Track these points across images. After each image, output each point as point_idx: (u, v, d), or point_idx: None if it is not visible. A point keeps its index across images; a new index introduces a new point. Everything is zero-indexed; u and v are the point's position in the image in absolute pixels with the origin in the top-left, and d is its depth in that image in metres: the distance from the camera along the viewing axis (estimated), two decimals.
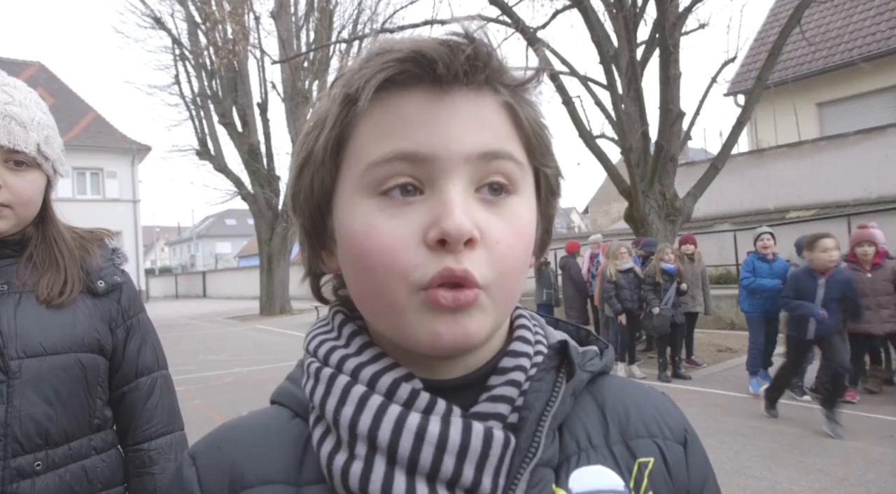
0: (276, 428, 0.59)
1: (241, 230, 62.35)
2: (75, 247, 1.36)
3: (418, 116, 0.50)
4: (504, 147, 0.52)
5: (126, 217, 28.29)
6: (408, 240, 0.49)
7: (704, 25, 11.64)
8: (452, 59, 0.49)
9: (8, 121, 1.18)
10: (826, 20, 16.94)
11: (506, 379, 0.55)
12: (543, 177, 0.58)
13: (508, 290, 0.53)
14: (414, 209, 0.50)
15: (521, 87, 0.55)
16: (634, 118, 10.17)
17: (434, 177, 0.50)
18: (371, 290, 0.52)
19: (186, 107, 22.29)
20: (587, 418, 0.59)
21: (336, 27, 21.53)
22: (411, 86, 0.51)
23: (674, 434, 0.61)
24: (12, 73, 1.29)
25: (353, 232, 0.52)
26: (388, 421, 0.50)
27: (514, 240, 0.52)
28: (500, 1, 10.37)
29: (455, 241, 0.48)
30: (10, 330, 1.20)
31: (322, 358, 0.57)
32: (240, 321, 20.25)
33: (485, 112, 0.52)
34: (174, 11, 21.45)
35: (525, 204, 0.55)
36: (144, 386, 1.40)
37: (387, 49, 0.51)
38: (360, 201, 0.52)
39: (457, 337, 0.50)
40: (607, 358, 0.64)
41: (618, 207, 24.85)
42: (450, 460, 0.49)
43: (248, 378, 9.35)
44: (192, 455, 0.60)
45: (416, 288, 0.49)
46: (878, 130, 13.45)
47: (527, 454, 0.52)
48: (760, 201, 15.00)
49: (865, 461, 4.63)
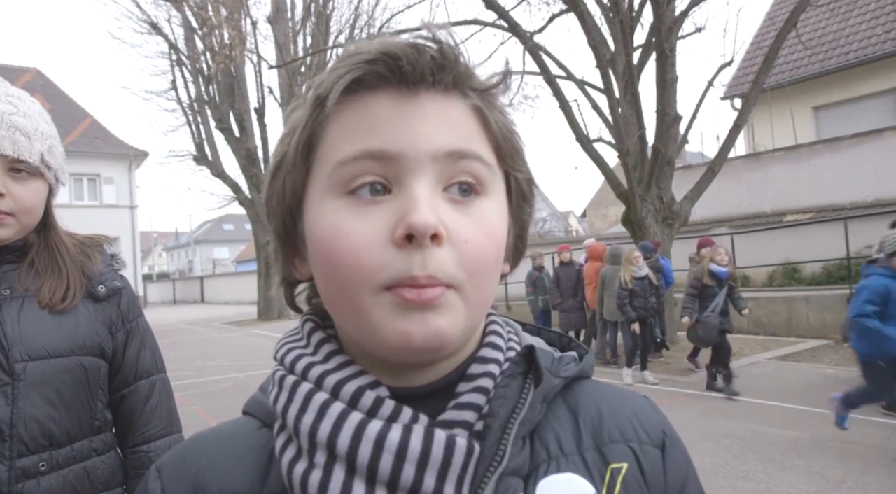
0: (241, 439, 0.59)
1: (238, 235, 62.29)
2: (76, 252, 1.38)
3: (386, 116, 0.51)
4: (471, 147, 0.52)
5: (123, 222, 28.24)
6: (374, 240, 0.49)
7: (701, 29, 11.70)
8: (418, 59, 0.50)
9: (13, 132, 1.21)
10: (822, 24, 16.99)
11: (473, 385, 0.54)
12: (514, 181, 0.58)
13: (480, 291, 0.52)
14: (381, 208, 0.50)
15: (488, 92, 0.55)
16: (631, 122, 10.20)
17: (401, 175, 0.50)
18: (339, 292, 0.52)
19: (183, 112, 22.32)
20: (559, 425, 0.58)
21: (333, 32, 21.60)
22: (380, 88, 0.51)
23: (651, 437, 0.59)
24: (9, 80, 1.32)
25: (320, 233, 0.52)
26: (347, 429, 0.49)
27: (483, 240, 0.52)
28: (496, 5, 10.40)
29: (420, 235, 0.48)
30: (14, 333, 1.23)
31: (288, 367, 0.57)
32: (237, 326, 20.23)
33: (452, 113, 0.52)
34: (171, 17, 21.53)
35: (495, 206, 0.54)
36: (143, 388, 1.43)
37: (356, 51, 0.52)
38: (328, 202, 0.52)
39: (427, 335, 0.49)
40: (586, 363, 0.62)
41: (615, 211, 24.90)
42: (410, 468, 0.48)
43: (246, 383, 9.34)
44: (158, 467, 0.60)
45: (382, 288, 0.49)
46: (875, 133, 13.48)
47: (492, 462, 0.50)
48: (757, 204, 15.03)
49: (863, 463, 4.63)
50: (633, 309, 7.81)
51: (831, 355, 8.95)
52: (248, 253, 46.18)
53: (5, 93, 1.24)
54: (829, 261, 11.69)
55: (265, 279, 21.71)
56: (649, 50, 10.56)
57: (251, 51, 20.65)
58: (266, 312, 21.55)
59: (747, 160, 15.73)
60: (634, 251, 8.18)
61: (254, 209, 21.67)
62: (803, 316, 10.72)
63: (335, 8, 21.58)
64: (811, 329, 10.58)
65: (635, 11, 10.43)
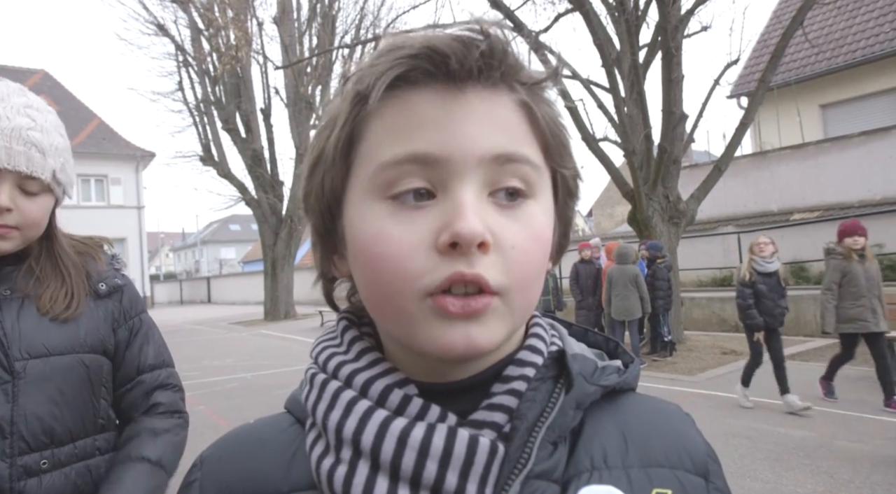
0: (273, 435, 0.60)
1: (245, 235, 62.46)
2: (77, 253, 1.38)
3: (431, 116, 0.49)
4: (520, 150, 0.51)
5: (131, 223, 28.41)
6: (418, 246, 0.48)
7: (707, 28, 11.65)
8: (466, 55, 0.48)
9: (28, 147, 1.20)
10: (829, 22, 16.92)
11: (507, 387, 0.54)
12: (561, 178, 0.56)
13: (526, 297, 0.52)
14: (425, 214, 0.49)
15: (537, 85, 0.53)
16: (637, 121, 10.17)
17: (446, 179, 0.49)
18: (381, 296, 0.51)
19: (190, 113, 22.38)
20: (606, 437, 0.56)
21: (339, 32, 21.63)
22: (424, 84, 0.49)
23: (695, 465, 0.57)
24: (17, 81, 1.31)
25: (362, 236, 0.51)
26: (371, 426, 0.50)
27: (530, 244, 0.51)
28: (501, 5, 10.39)
29: (467, 244, 0.46)
30: (14, 332, 1.23)
31: (321, 365, 0.58)
32: (244, 326, 20.27)
33: (500, 111, 0.50)
34: (177, 18, 21.61)
35: (541, 207, 0.53)
36: (146, 382, 1.42)
37: (398, 45, 0.49)
38: (370, 204, 0.51)
39: (469, 348, 0.49)
40: (630, 374, 0.60)
41: (621, 210, 24.83)
42: (432, 466, 0.48)
43: (253, 383, 9.36)
44: (201, 459, 0.61)
45: (425, 295, 0.48)
46: (883, 131, 13.42)
47: (516, 464, 0.50)
48: (764, 203, 14.98)
49: (871, 463, 4.61)
50: (760, 315, 6.25)
51: None
52: (255, 253, 46.26)
53: (24, 104, 1.23)
54: None
55: (271, 279, 21.78)
56: (655, 49, 10.54)
57: (257, 51, 20.72)
58: (273, 312, 21.59)
59: (754, 159, 15.68)
60: (761, 237, 6.66)
61: (260, 209, 21.73)
62: (811, 316, 10.68)
63: (341, 8, 21.60)
64: (819, 328, 10.51)
65: (641, 10, 10.39)
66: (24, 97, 1.25)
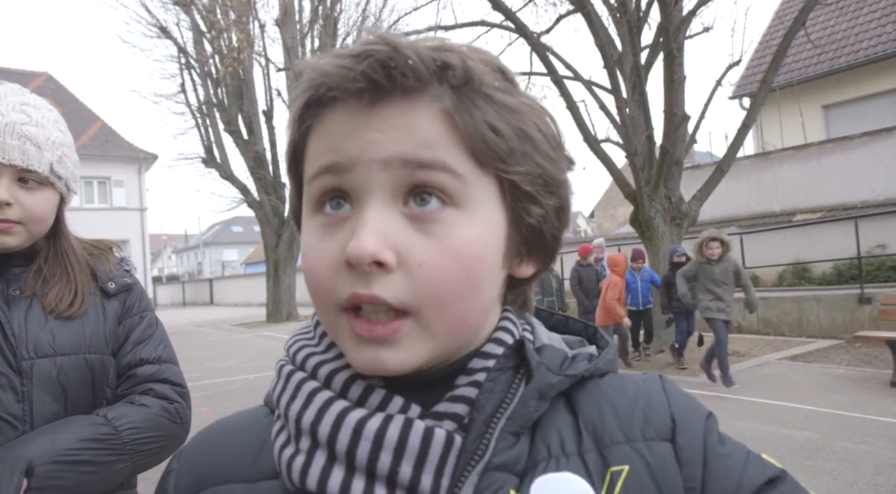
0: (247, 426, 0.61)
1: (247, 237, 62.63)
2: (85, 257, 1.39)
3: (341, 130, 0.50)
4: (435, 156, 0.49)
5: (133, 225, 28.44)
6: (331, 262, 0.50)
7: (709, 29, 11.67)
8: (350, 73, 0.49)
9: (23, 142, 1.22)
10: (831, 22, 16.90)
11: (470, 379, 0.54)
12: (509, 184, 0.52)
13: (446, 316, 0.50)
14: (343, 227, 0.50)
15: (469, 88, 0.50)
16: (639, 122, 10.17)
17: (357, 188, 0.50)
18: (316, 306, 0.54)
19: (192, 115, 22.40)
20: (563, 424, 0.56)
21: (340, 34, 21.62)
22: (336, 103, 0.51)
23: (658, 431, 0.55)
24: (21, 84, 1.32)
25: (303, 249, 0.54)
26: (329, 417, 0.51)
27: (444, 260, 0.49)
28: (503, 6, 10.39)
29: (357, 264, 0.47)
30: (22, 331, 1.24)
31: (291, 357, 0.60)
32: (247, 328, 20.29)
33: (414, 120, 0.49)
34: (179, 20, 21.63)
35: (469, 218, 0.50)
36: (141, 375, 1.40)
37: (303, 74, 0.52)
38: (308, 219, 0.54)
39: (383, 369, 0.50)
40: (600, 360, 0.59)
41: (623, 211, 24.83)
42: (387, 457, 0.49)
43: (256, 384, 9.37)
44: (180, 450, 0.63)
45: (339, 310, 0.51)
46: (885, 132, 13.40)
47: (473, 455, 0.50)
48: (767, 204, 14.96)
49: (875, 464, 4.60)
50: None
51: (842, 355, 8.89)
52: (257, 255, 46.32)
53: (20, 102, 1.25)
54: (840, 261, 11.62)
55: (274, 280, 21.80)
56: (657, 50, 10.53)
57: (259, 54, 20.76)
58: (275, 314, 21.62)
59: (756, 159, 15.67)
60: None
61: (262, 211, 21.75)
62: (814, 317, 10.66)
63: (343, 10, 21.62)
64: (822, 329, 10.53)
65: (642, 11, 10.40)
66: (21, 96, 1.27)
